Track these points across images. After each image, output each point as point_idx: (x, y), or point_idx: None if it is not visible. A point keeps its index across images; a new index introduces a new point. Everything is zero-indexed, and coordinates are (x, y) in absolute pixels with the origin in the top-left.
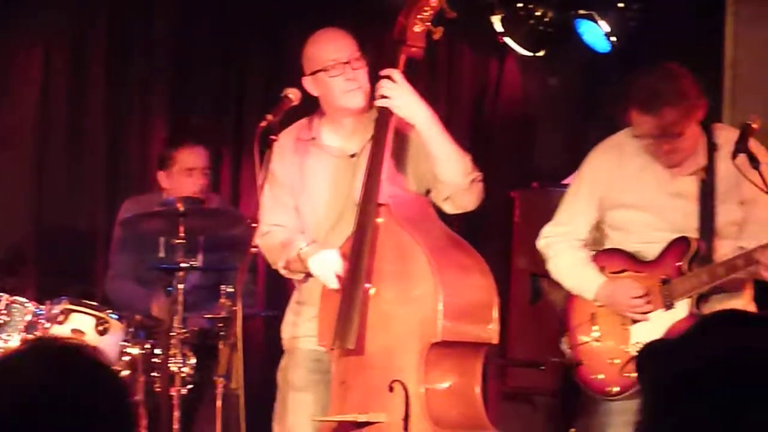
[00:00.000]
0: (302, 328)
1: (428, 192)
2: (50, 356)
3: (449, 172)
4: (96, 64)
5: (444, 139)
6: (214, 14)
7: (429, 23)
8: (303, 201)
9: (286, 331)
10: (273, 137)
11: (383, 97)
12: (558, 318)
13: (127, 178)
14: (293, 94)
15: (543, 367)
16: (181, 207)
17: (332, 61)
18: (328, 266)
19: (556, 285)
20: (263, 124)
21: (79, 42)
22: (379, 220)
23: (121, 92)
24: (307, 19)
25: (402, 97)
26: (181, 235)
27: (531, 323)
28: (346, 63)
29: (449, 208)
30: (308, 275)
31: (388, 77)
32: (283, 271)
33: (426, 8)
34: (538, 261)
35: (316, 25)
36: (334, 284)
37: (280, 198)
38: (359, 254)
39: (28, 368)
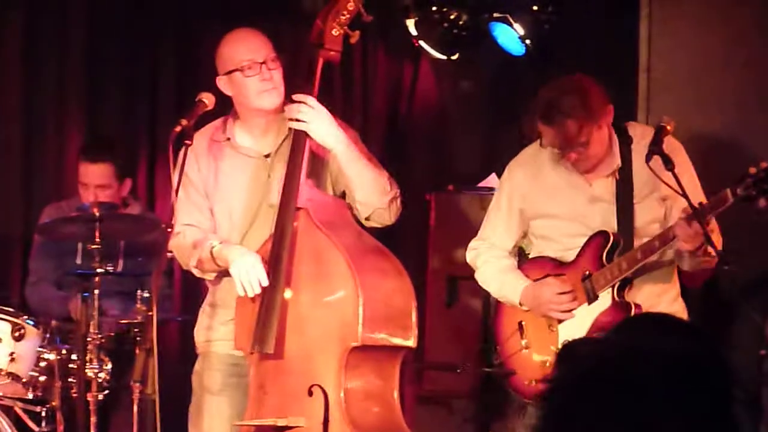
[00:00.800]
0: (217, 332)
1: (344, 194)
2: None
3: (367, 195)
4: (11, 67)
5: (361, 163)
6: (126, 14)
7: (346, 27)
8: (217, 202)
9: (200, 334)
10: (188, 142)
11: (298, 120)
12: (475, 321)
13: (43, 182)
14: (207, 99)
15: (459, 370)
16: (97, 212)
17: (248, 61)
18: (251, 272)
19: (475, 289)
20: (177, 128)
21: None
22: (296, 223)
23: (36, 96)
24: (219, 19)
25: (317, 122)
26: (97, 240)
27: (447, 326)
28: (262, 63)
29: (368, 225)
30: (221, 275)
31: (303, 102)
32: (195, 271)
33: (344, 12)
34: (453, 263)
35: (228, 25)
36: (255, 290)
37: (193, 199)
38: (278, 258)
39: None
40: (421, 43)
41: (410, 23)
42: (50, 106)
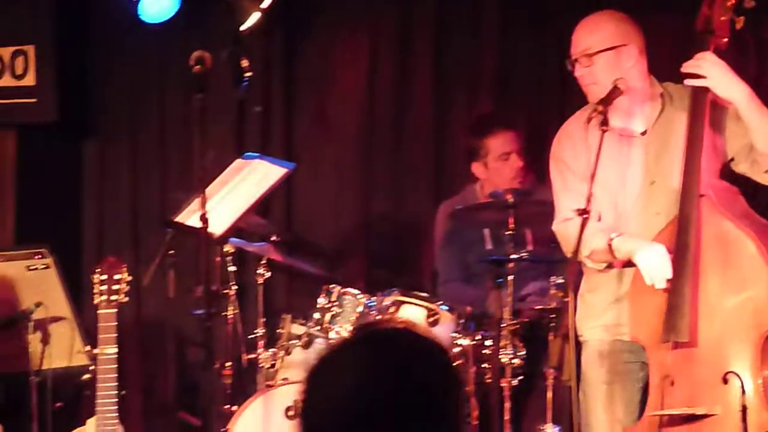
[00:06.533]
0: (598, 319)
1: (731, 161)
2: (379, 341)
3: None
4: (421, 54)
5: (763, 112)
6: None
7: (732, 12)
8: (598, 186)
9: (581, 322)
10: (604, 128)
11: (699, 76)
12: None
13: (453, 166)
14: (622, 84)
15: None
16: (510, 198)
17: (572, 54)
18: (658, 264)
19: None
20: (593, 115)
21: (405, 33)
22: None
23: (447, 82)
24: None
25: (719, 76)
26: (511, 226)
27: None
28: (575, 60)
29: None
30: (609, 266)
31: (702, 59)
32: (585, 260)
33: None
34: None
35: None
36: (662, 284)
37: (573, 185)
38: (685, 246)
39: (359, 355)
40: None
41: None
42: (460, 92)
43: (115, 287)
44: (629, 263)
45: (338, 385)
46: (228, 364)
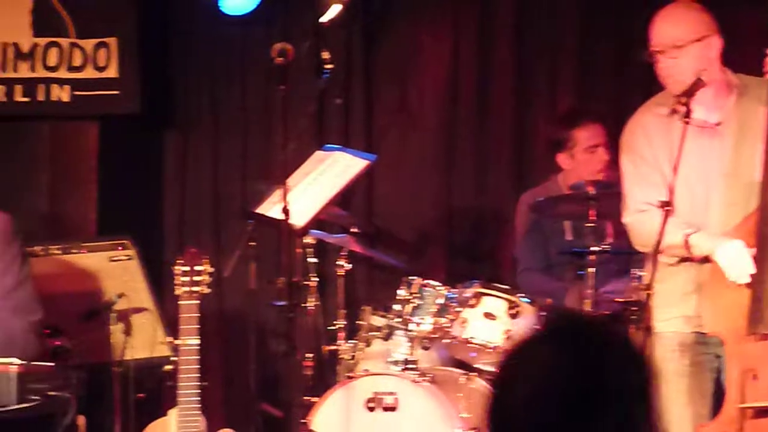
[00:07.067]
0: (668, 312)
1: None
2: (572, 337)
3: None
4: (502, 43)
5: None
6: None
7: None
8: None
9: (654, 314)
10: (687, 120)
11: None
12: None
13: (534, 157)
14: (706, 76)
15: None
16: (592, 190)
17: (652, 47)
18: (740, 260)
19: None
20: (677, 107)
21: (486, 21)
22: None
23: (528, 75)
24: None
25: None
26: (592, 218)
27: None
28: (659, 52)
29: None
30: (683, 259)
31: None
32: (660, 255)
33: None
34: None
35: None
36: (745, 280)
37: (647, 177)
38: (767, 237)
39: (550, 352)
40: None
41: None
42: (542, 85)
43: (197, 278)
44: (705, 259)
45: (532, 382)
46: (309, 355)
